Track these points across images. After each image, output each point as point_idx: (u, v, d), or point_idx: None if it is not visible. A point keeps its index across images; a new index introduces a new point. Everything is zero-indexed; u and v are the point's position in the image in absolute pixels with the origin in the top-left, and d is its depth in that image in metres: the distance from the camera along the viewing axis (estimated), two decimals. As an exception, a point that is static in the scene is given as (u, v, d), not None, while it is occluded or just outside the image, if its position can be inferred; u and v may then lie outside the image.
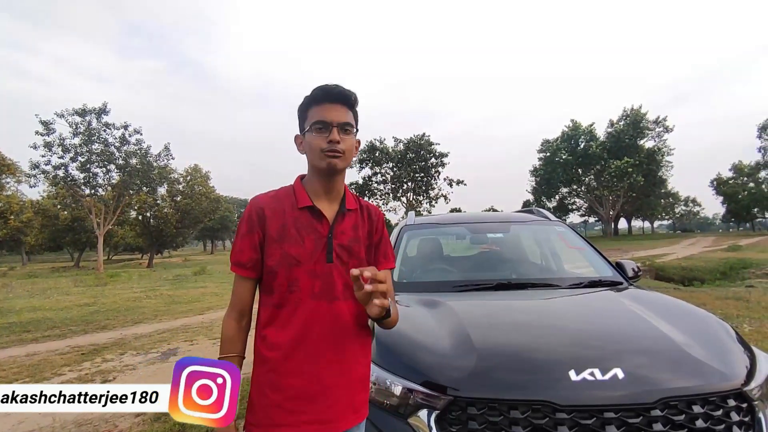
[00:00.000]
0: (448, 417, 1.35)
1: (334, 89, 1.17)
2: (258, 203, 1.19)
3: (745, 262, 16.12)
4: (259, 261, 1.17)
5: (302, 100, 1.21)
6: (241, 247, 1.17)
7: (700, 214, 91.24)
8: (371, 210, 1.31)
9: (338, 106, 1.17)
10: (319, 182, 1.20)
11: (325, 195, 1.21)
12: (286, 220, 1.16)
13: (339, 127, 1.15)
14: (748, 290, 8.57)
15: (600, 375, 1.31)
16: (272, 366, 1.13)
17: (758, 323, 5.46)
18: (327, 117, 1.14)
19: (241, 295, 1.19)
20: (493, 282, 2.43)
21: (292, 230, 1.15)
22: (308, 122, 1.18)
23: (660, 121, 46.50)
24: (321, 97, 1.17)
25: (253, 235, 1.16)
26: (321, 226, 1.18)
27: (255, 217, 1.17)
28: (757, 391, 1.34)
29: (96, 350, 5.68)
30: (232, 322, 1.18)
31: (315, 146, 1.15)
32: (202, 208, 35.13)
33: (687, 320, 1.74)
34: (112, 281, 17.24)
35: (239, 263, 1.18)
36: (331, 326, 1.14)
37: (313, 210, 1.18)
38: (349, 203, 1.24)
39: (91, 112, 25.81)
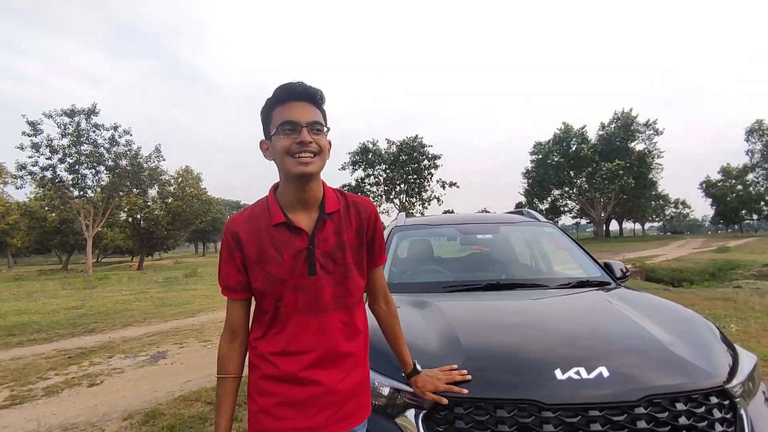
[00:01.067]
0: (435, 416, 1.35)
1: (298, 86, 1.09)
2: (232, 227, 1.15)
3: (733, 263, 16.37)
4: (246, 282, 1.15)
5: (264, 103, 1.13)
6: (227, 272, 1.15)
7: (689, 216, 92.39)
8: (360, 206, 1.23)
9: (305, 105, 1.09)
10: (293, 191, 1.12)
11: (300, 204, 1.14)
12: (263, 240, 1.12)
13: (309, 127, 1.07)
14: (736, 291, 8.69)
15: (585, 374, 1.32)
16: (261, 373, 1.13)
17: (745, 323, 5.54)
18: (294, 116, 1.06)
19: (232, 316, 1.18)
20: (482, 283, 2.44)
21: (270, 250, 1.11)
22: (274, 124, 1.09)
23: (650, 124, 47.17)
24: (285, 95, 1.09)
25: (234, 259, 1.14)
26: (299, 240, 1.12)
27: (232, 241, 1.14)
28: (739, 388, 1.36)
29: (83, 354, 5.61)
30: (224, 343, 1.18)
31: (283, 149, 1.07)
32: (194, 209, 34.83)
33: (672, 319, 1.75)
34: (101, 284, 17.03)
35: (228, 287, 1.16)
36: (318, 338, 1.12)
37: (287, 225, 1.13)
38: (330, 205, 1.17)
39: (80, 112, 25.46)
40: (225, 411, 1.14)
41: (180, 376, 4.53)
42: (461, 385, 1.35)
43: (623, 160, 43.10)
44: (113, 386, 4.28)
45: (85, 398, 3.97)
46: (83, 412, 3.63)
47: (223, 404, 1.14)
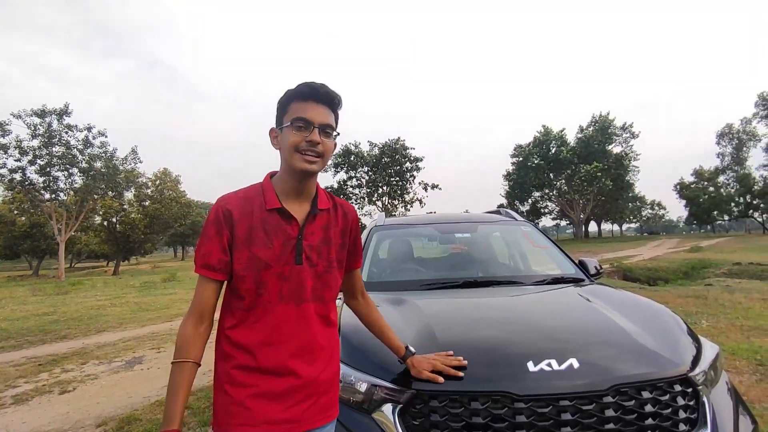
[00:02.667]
0: (410, 410, 1.37)
1: (321, 88, 1.13)
2: (225, 204, 1.14)
3: (705, 262, 16.93)
4: (228, 263, 1.12)
5: (284, 93, 1.16)
6: (209, 249, 1.12)
7: (665, 217, 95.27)
8: (346, 209, 1.29)
9: (322, 107, 1.13)
10: (290, 182, 1.16)
11: (295, 196, 1.17)
12: (254, 221, 1.12)
13: (320, 129, 1.11)
14: (707, 289, 8.98)
15: (557, 365, 1.35)
16: (236, 363, 1.10)
17: (714, 319, 5.73)
18: (310, 116, 1.10)
19: (203, 297, 1.13)
20: (460, 280, 2.47)
21: (260, 233, 1.12)
22: (288, 117, 1.13)
23: (627, 128, 48.45)
24: (306, 93, 1.12)
25: (221, 236, 1.12)
26: (290, 228, 1.14)
27: (222, 218, 1.12)
28: (702, 376, 1.41)
29: (55, 360, 5.43)
30: (189, 327, 1.12)
31: (291, 143, 1.10)
32: (172, 213, 34.20)
33: (641, 313, 1.81)
34: (74, 289, 16.50)
35: (207, 265, 1.12)
36: (299, 328, 1.13)
37: (282, 212, 1.14)
38: (321, 203, 1.21)
39: (51, 113, 24.68)
40: (181, 398, 1.06)
41: (157, 381, 4.44)
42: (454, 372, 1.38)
43: (601, 162, 44.13)
44: (86, 393, 4.16)
45: (57, 405, 3.84)
46: (55, 419, 3.52)
47: (179, 391, 1.06)
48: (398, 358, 1.42)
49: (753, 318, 5.67)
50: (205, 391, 3.86)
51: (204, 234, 1.14)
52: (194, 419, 3.31)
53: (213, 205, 1.16)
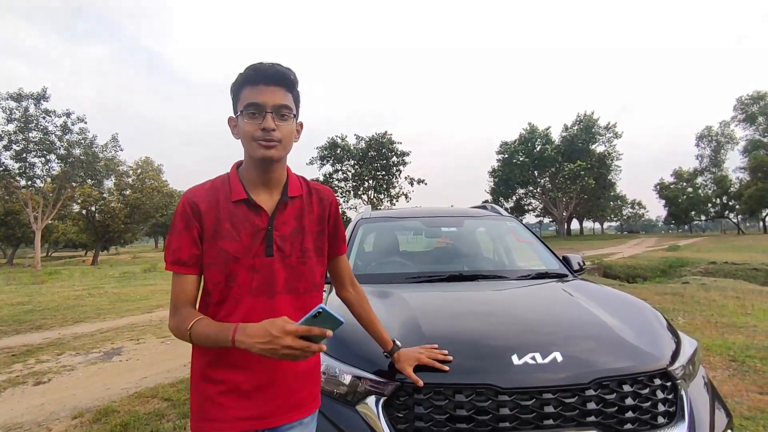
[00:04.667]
0: (395, 402, 1.36)
1: (269, 68, 1.05)
2: (192, 197, 1.09)
3: (682, 260, 17.39)
4: (200, 257, 1.08)
5: (235, 78, 1.08)
6: (180, 244, 1.07)
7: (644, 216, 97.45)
8: (321, 193, 1.22)
9: (274, 88, 1.05)
10: (255, 172, 1.11)
11: (263, 184, 1.12)
12: (221, 214, 1.08)
13: (274, 112, 1.04)
14: (684, 286, 9.22)
15: (540, 359, 1.36)
16: (208, 360, 1.07)
17: (690, 316, 5.89)
18: (260, 100, 1.03)
19: (182, 292, 1.08)
20: (445, 274, 2.47)
21: (226, 224, 1.08)
22: (241, 104, 1.06)
23: (610, 127, 49.26)
24: (254, 77, 1.05)
25: (191, 230, 1.07)
26: (259, 219, 1.09)
27: (190, 211, 1.08)
28: (680, 370, 1.44)
29: (29, 351, 5.30)
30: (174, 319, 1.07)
31: (247, 133, 1.05)
32: (154, 202, 33.55)
33: (623, 308, 1.84)
34: (50, 279, 16.12)
35: (179, 261, 1.07)
36: None
37: (248, 203, 1.09)
38: (292, 189, 1.15)
39: (28, 97, 23.88)
40: None
41: (136, 372, 4.36)
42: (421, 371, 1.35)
43: (584, 161, 44.87)
44: (62, 384, 4.06)
45: (31, 397, 3.75)
46: (29, 411, 3.43)
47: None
48: (384, 352, 1.39)
49: (727, 315, 5.85)
50: (185, 383, 3.81)
51: (173, 229, 1.09)
52: (174, 411, 3.26)
53: (180, 199, 1.11)
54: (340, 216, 1.26)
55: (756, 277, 12.65)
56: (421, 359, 1.36)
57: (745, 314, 5.94)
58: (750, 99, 48.54)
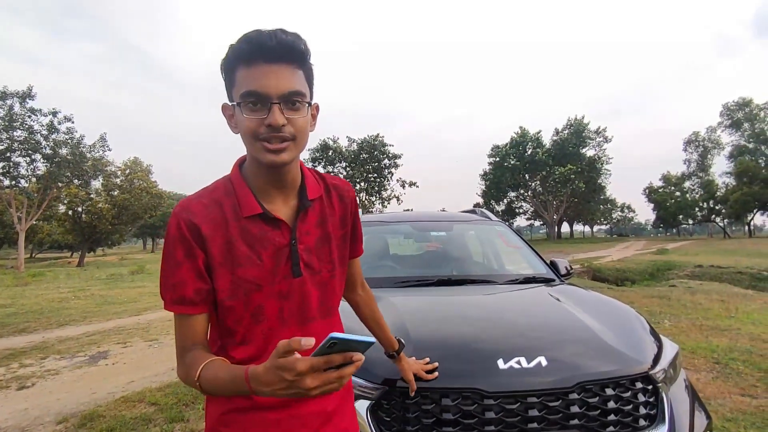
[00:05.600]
0: (382, 406, 1.37)
1: (270, 39, 0.77)
2: (189, 216, 0.85)
3: (670, 264, 17.64)
4: (210, 291, 0.86)
5: (226, 53, 0.82)
6: (182, 278, 0.84)
7: (634, 220, 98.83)
8: (341, 189, 1.02)
9: (279, 67, 0.79)
10: (265, 176, 0.88)
11: (277, 189, 0.90)
12: (231, 234, 0.86)
13: (283, 102, 0.79)
14: (671, 290, 9.36)
15: (526, 363, 1.38)
16: (232, 406, 0.89)
17: (677, 319, 5.98)
18: (263, 87, 0.78)
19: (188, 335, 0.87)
20: (434, 278, 2.49)
21: (242, 247, 0.86)
22: (236, 92, 0.81)
23: (600, 132, 49.91)
24: (251, 52, 0.78)
25: (194, 258, 0.84)
26: (279, 235, 0.89)
27: (189, 234, 0.84)
28: (662, 374, 1.47)
29: (12, 355, 5.20)
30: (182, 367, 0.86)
31: (248, 130, 0.80)
32: (142, 203, 33.12)
33: (607, 312, 1.87)
34: (34, 281, 15.81)
35: (183, 300, 0.85)
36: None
37: (265, 217, 0.88)
38: (311, 191, 0.94)
39: (13, 95, 23.44)
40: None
41: (122, 376, 4.31)
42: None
43: (575, 164, 45.39)
44: (46, 388, 4.00)
45: (14, 401, 3.68)
46: (12, 416, 3.37)
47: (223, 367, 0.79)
48: (389, 352, 1.31)
49: (712, 318, 5.95)
50: (173, 387, 3.78)
51: (169, 258, 0.86)
52: (161, 415, 3.23)
53: (171, 218, 0.86)
54: (359, 214, 1.10)
55: (741, 281, 12.91)
56: (419, 373, 1.33)
57: (729, 317, 6.05)
58: (736, 105, 49.55)
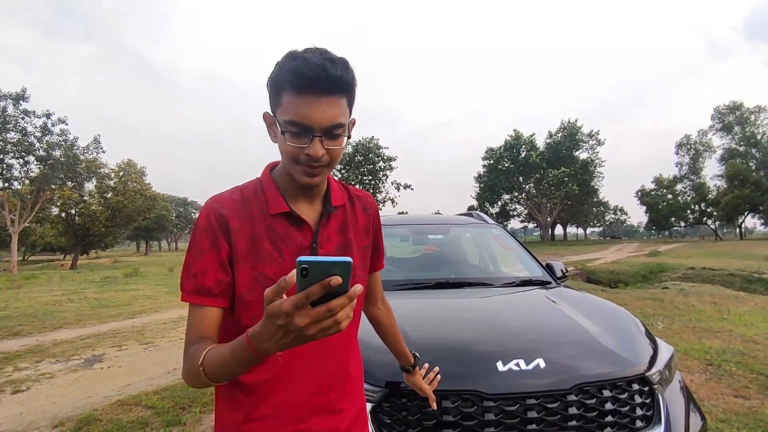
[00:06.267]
0: (383, 408, 1.39)
1: (319, 73, 0.78)
2: (218, 208, 0.89)
3: (662, 266, 17.75)
4: (230, 284, 0.87)
5: (275, 69, 0.84)
6: (204, 267, 0.85)
7: (626, 222, 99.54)
8: (364, 200, 1.06)
9: (326, 100, 0.80)
10: (295, 183, 0.92)
11: (303, 194, 0.94)
12: (257, 230, 0.89)
13: (324, 134, 0.82)
14: (664, 291, 9.45)
15: (524, 365, 1.41)
16: (247, 413, 0.88)
17: (670, 321, 6.04)
18: (308, 119, 0.80)
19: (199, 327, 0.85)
20: (432, 281, 2.51)
21: (265, 243, 0.88)
22: (281, 114, 0.83)
23: (593, 135, 50.33)
24: (301, 84, 0.79)
25: (219, 249, 0.86)
26: (302, 236, 0.91)
27: (217, 225, 0.87)
28: (657, 376, 1.50)
29: (6, 359, 5.15)
30: None
31: (289, 153, 0.84)
32: (136, 206, 32.91)
33: (603, 314, 1.91)
34: (27, 284, 15.66)
35: (203, 289, 0.85)
36: (319, 360, 0.91)
37: (290, 216, 0.91)
38: (335, 199, 0.97)
39: (6, 97, 23.31)
40: None
41: (118, 379, 4.29)
42: None
43: (568, 167, 45.72)
44: (42, 392, 3.97)
45: (9, 406, 3.65)
46: (7, 420, 3.35)
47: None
48: (404, 367, 1.29)
49: (704, 320, 6.02)
50: (169, 390, 3.77)
51: (194, 247, 0.87)
52: (158, 419, 3.22)
53: (201, 210, 0.90)
54: (381, 226, 1.11)
55: (732, 283, 13.04)
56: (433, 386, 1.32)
57: (721, 319, 6.12)
58: (727, 109, 50.20)
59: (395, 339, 1.25)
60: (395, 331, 1.25)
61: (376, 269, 1.12)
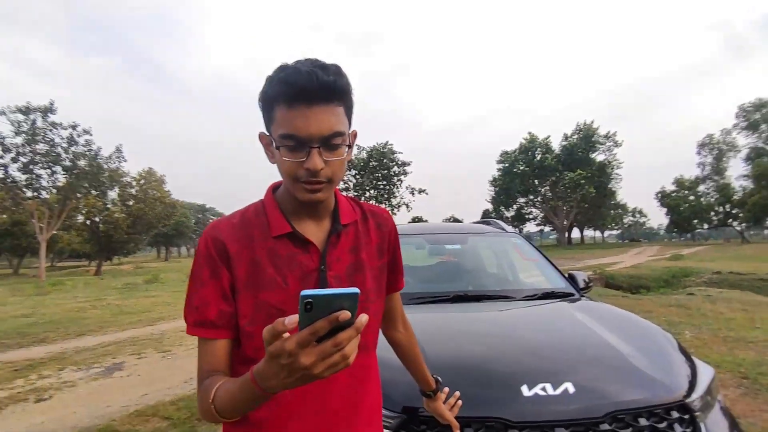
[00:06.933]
0: None
1: (310, 81, 0.73)
2: (216, 234, 0.84)
3: (686, 270, 17.19)
4: (233, 315, 0.83)
5: (264, 85, 0.79)
6: (205, 298, 0.82)
7: (646, 225, 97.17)
8: (379, 217, 0.99)
9: (320, 110, 0.75)
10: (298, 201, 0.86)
11: (309, 213, 0.88)
12: (258, 254, 0.83)
13: (322, 145, 0.76)
14: (689, 298, 9.10)
15: (551, 390, 1.32)
16: None
17: (698, 330, 5.80)
18: (302, 130, 0.75)
19: (209, 362, 0.82)
20: (450, 294, 2.43)
21: (267, 268, 0.83)
22: (275, 129, 0.78)
23: (610, 136, 49.41)
24: (292, 94, 0.74)
25: (220, 278, 0.82)
26: (308, 258, 0.85)
27: (216, 253, 0.82)
28: (699, 402, 1.40)
29: (31, 366, 5.26)
30: None
31: (287, 170, 0.79)
32: (156, 213, 33.65)
33: (633, 332, 1.80)
34: (54, 290, 16.09)
35: (205, 322, 0.82)
36: (327, 396, 0.84)
37: (293, 237, 0.85)
38: (345, 216, 0.91)
39: (35, 110, 24.28)
40: None
41: (136, 389, 4.31)
42: None
43: (585, 170, 44.93)
44: (63, 401, 4.02)
45: (32, 415, 3.70)
46: (29, 429, 3.39)
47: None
48: (425, 392, 1.21)
49: (735, 329, 5.76)
50: (186, 401, 3.77)
51: (194, 278, 0.84)
52: (174, 430, 3.22)
53: (200, 238, 0.86)
54: (399, 244, 1.04)
55: (762, 288, 12.51)
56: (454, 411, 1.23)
57: (753, 328, 5.85)
58: (752, 106, 48.57)
59: (416, 363, 1.17)
60: (416, 354, 1.17)
61: (394, 290, 1.05)
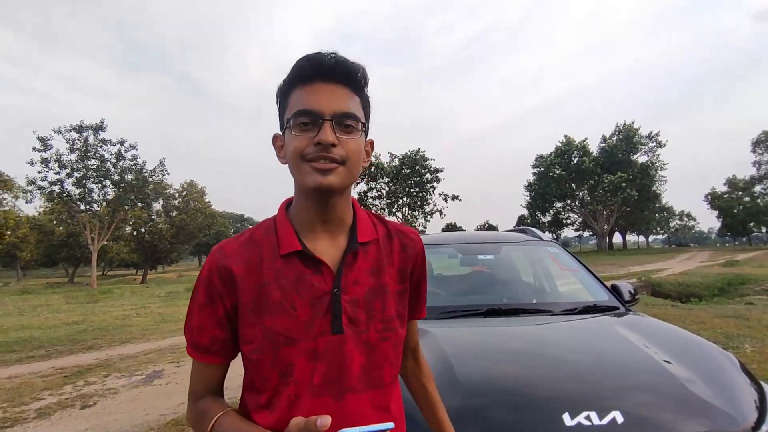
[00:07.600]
0: None
1: (329, 59, 0.73)
2: (220, 259, 0.78)
3: (743, 277, 15.97)
4: (228, 341, 0.79)
5: (282, 81, 0.79)
6: (201, 323, 0.79)
7: (695, 228, 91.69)
8: (405, 236, 0.88)
9: (336, 87, 0.74)
10: (310, 209, 0.79)
11: (322, 226, 0.80)
12: (265, 276, 0.76)
13: (335, 121, 0.73)
14: (748, 308, 8.43)
15: (597, 419, 1.20)
16: None
17: (760, 343, 5.34)
18: (316, 104, 0.72)
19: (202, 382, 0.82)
20: (483, 308, 2.30)
21: (274, 292, 0.75)
22: (288, 113, 0.76)
23: (653, 136, 47.13)
24: (309, 71, 0.74)
25: (214, 305, 0.77)
26: (320, 279, 0.77)
27: (217, 278, 0.77)
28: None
29: (79, 372, 5.51)
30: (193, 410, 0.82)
31: (295, 151, 0.73)
32: (197, 223, 35.05)
33: (688, 351, 1.63)
34: (103, 298, 16.99)
35: (198, 345, 0.79)
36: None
37: (303, 256, 0.77)
38: (363, 233, 0.82)
39: (88, 128, 26.10)
40: None
41: (174, 397, 4.41)
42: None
43: (626, 172, 42.98)
44: (106, 408, 4.17)
45: (77, 421, 3.85)
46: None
47: None
48: None
49: (802, 343, 5.26)
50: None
51: (193, 299, 0.81)
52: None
53: (206, 260, 0.81)
54: (426, 271, 0.93)
55: (831, 297, 11.46)
56: None
57: (824, 342, 5.33)
58: (812, 101, 45.11)
59: (432, 407, 0.97)
60: (433, 396, 0.97)
61: (414, 318, 0.94)
